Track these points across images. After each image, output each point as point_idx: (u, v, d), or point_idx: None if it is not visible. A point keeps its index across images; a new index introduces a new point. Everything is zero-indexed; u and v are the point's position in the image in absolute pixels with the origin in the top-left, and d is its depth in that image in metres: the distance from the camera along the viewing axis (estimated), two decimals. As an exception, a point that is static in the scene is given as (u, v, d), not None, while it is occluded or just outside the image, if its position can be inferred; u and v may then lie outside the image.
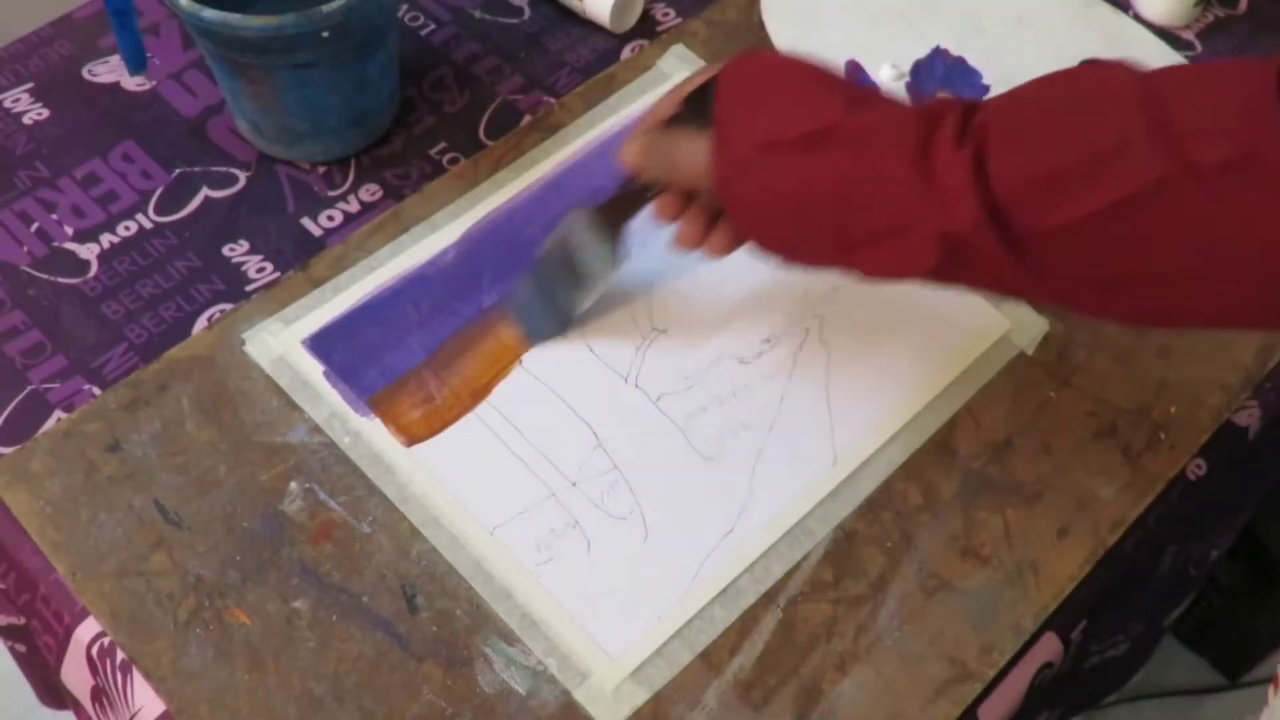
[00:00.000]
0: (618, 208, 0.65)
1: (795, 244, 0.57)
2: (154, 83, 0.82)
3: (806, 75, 0.56)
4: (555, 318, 0.69)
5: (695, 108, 0.59)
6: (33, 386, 0.68)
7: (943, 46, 0.84)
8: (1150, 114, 0.46)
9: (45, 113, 0.80)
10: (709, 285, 0.73)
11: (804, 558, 0.64)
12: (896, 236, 0.52)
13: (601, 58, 0.85)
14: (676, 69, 0.82)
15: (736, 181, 0.56)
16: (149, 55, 0.81)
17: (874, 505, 0.66)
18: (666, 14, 0.87)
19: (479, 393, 0.68)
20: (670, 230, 0.63)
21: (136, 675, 0.60)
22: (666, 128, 0.60)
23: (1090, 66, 0.53)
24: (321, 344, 0.69)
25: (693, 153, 0.58)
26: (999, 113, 0.51)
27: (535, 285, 0.69)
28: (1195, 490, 0.70)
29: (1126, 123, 0.47)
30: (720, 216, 0.61)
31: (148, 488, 0.64)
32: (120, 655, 0.60)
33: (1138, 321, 0.54)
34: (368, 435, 0.66)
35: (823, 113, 0.54)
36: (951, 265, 0.52)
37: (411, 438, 0.66)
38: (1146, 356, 0.71)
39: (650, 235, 0.68)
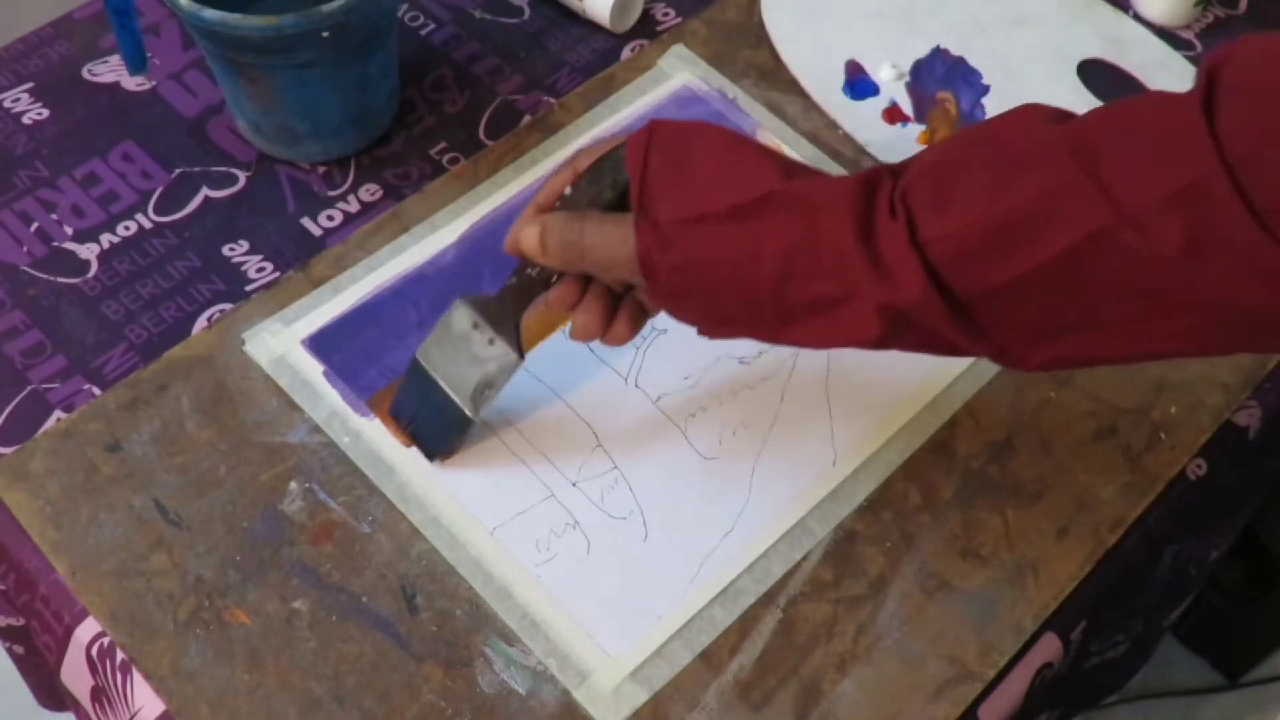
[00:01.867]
0: (509, 300, 0.60)
1: (726, 316, 0.54)
2: (154, 83, 0.82)
3: (732, 141, 0.54)
4: (452, 425, 0.63)
5: (598, 183, 0.56)
6: (33, 386, 0.68)
7: (943, 46, 0.84)
8: (1079, 164, 0.45)
9: (45, 113, 0.80)
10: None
11: (804, 558, 0.64)
12: (839, 305, 0.50)
13: (601, 58, 0.85)
14: (676, 69, 0.82)
15: (664, 255, 0.52)
16: (149, 55, 0.81)
17: (874, 505, 0.66)
18: (666, 14, 0.87)
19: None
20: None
21: (136, 675, 0.60)
22: (566, 211, 0.56)
23: (1005, 119, 0.50)
24: (321, 344, 0.69)
25: (604, 234, 0.54)
26: (920, 177, 0.50)
27: (424, 385, 0.62)
28: (1195, 490, 0.70)
29: (1057, 177, 0.46)
30: (619, 302, 0.58)
31: (148, 488, 0.64)
32: (120, 655, 0.60)
33: (1080, 366, 0.53)
34: (368, 435, 0.66)
35: (759, 179, 0.51)
36: (894, 334, 0.51)
37: (410, 437, 0.66)
38: (1146, 356, 0.71)
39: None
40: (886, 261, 0.49)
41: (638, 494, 0.65)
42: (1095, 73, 0.84)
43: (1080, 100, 0.82)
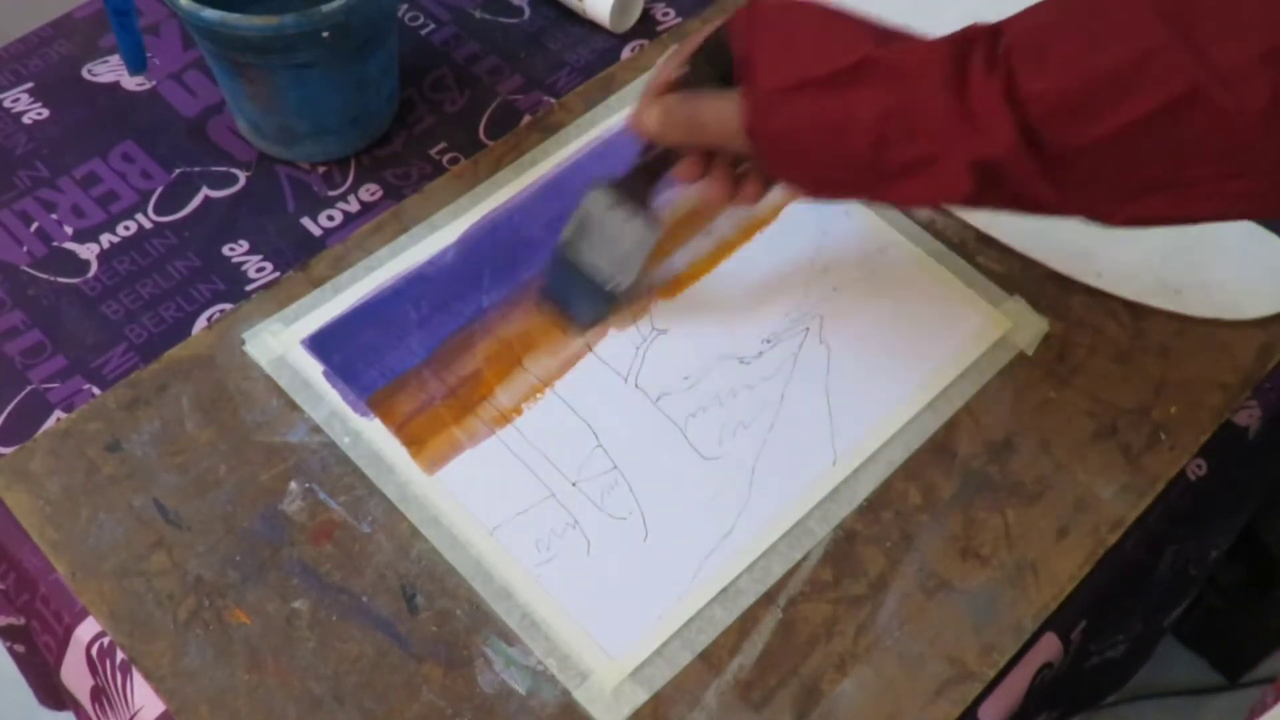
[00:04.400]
0: (639, 179, 0.65)
1: (828, 179, 0.58)
2: (154, 83, 0.82)
3: (828, 12, 0.57)
4: (600, 300, 0.69)
5: (706, 63, 0.59)
6: (33, 386, 0.68)
7: (943, 46, 0.84)
8: (1172, 25, 0.47)
9: (45, 113, 0.80)
10: (709, 285, 0.73)
11: (804, 558, 0.64)
12: (932, 165, 0.53)
13: (601, 58, 0.85)
14: (676, 69, 0.82)
15: (768, 122, 0.56)
16: (149, 55, 0.81)
17: (874, 505, 0.66)
18: (666, 14, 0.87)
19: (481, 395, 0.68)
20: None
21: (136, 675, 0.60)
22: (679, 90, 0.60)
23: None
24: (321, 344, 0.69)
25: (716, 109, 0.58)
26: (1023, 35, 0.52)
27: (569, 272, 0.68)
28: (1195, 490, 0.70)
29: (1148, 38, 0.48)
30: (744, 171, 0.62)
31: (148, 488, 0.64)
32: (120, 655, 0.60)
33: (1162, 223, 0.54)
34: (368, 435, 0.66)
35: (853, 47, 0.54)
36: (984, 190, 0.53)
37: (410, 437, 0.66)
38: (1146, 356, 0.71)
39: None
40: (978, 116, 0.51)
41: (638, 494, 0.65)
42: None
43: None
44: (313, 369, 0.68)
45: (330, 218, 0.76)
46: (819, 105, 0.54)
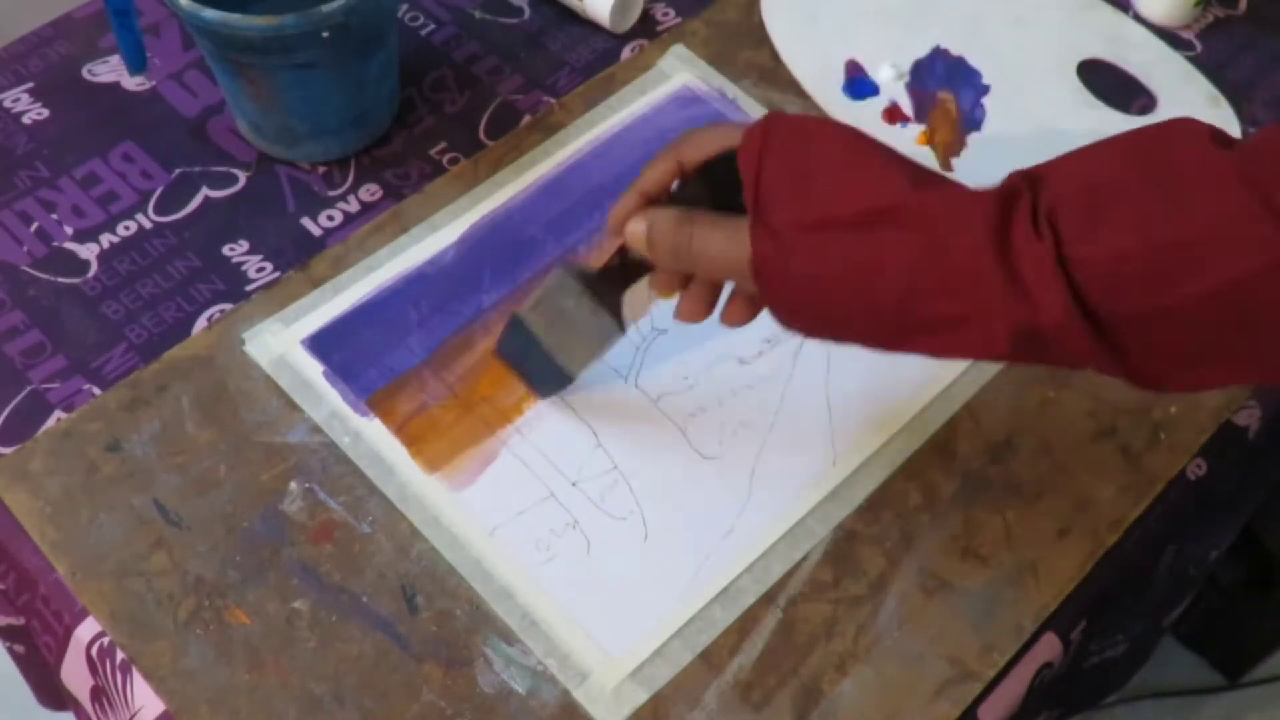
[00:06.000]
0: (610, 278, 0.60)
1: (844, 328, 0.53)
2: (154, 83, 0.82)
3: (856, 144, 0.51)
4: (554, 378, 0.65)
5: (710, 185, 0.55)
6: (33, 386, 0.68)
7: (943, 46, 0.84)
8: (1254, 191, 0.44)
9: (45, 113, 0.80)
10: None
11: (804, 558, 0.64)
12: (965, 324, 0.48)
13: (601, 58, 0.85)
14: (676, 69, 0.82)
15: (782, 263, 0.50)
16: (149, 55, 0.81)
17: (874, 505, 0.66)
18: (666, 14, 0.87)
19: (481, 395, 0.68)
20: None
21: (136, 675, 0.60)
22: (674, 209, 0.55)
23: (1164, 136, 0.48)
24: (321, 344, 0.69)
25: (718, 241, 0.53)
26: (1073, 195, 0.47)
27: (526, 343, 0.64)
28: (1195, 490, 0.70)
29: (1232, 204, 0.44)
30: (731, 293, 0.57)
31: (148, 488, 0.64)
32: (120, 655, 0.60)
33: (1219, 386, 0.51)
34: (368, 435, 0.66)
35: (884, 189, 0.49)
36: (1023, 352, 0.49)
37: (410, 437, 0.66)
38: (1146, 356, 0.71)
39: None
40: (1026, 282, 0.46)
41: (638, 494, 0.65)
42: (1095, 73, 0.84)
43: (1080, 99, 0.82)
44: (313, 369, 0.68)
45: (330, 218, 0.76)
46: (843, 248, 0.49)
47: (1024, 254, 0.46)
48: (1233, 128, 0.82)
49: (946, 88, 0.82)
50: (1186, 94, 0.83)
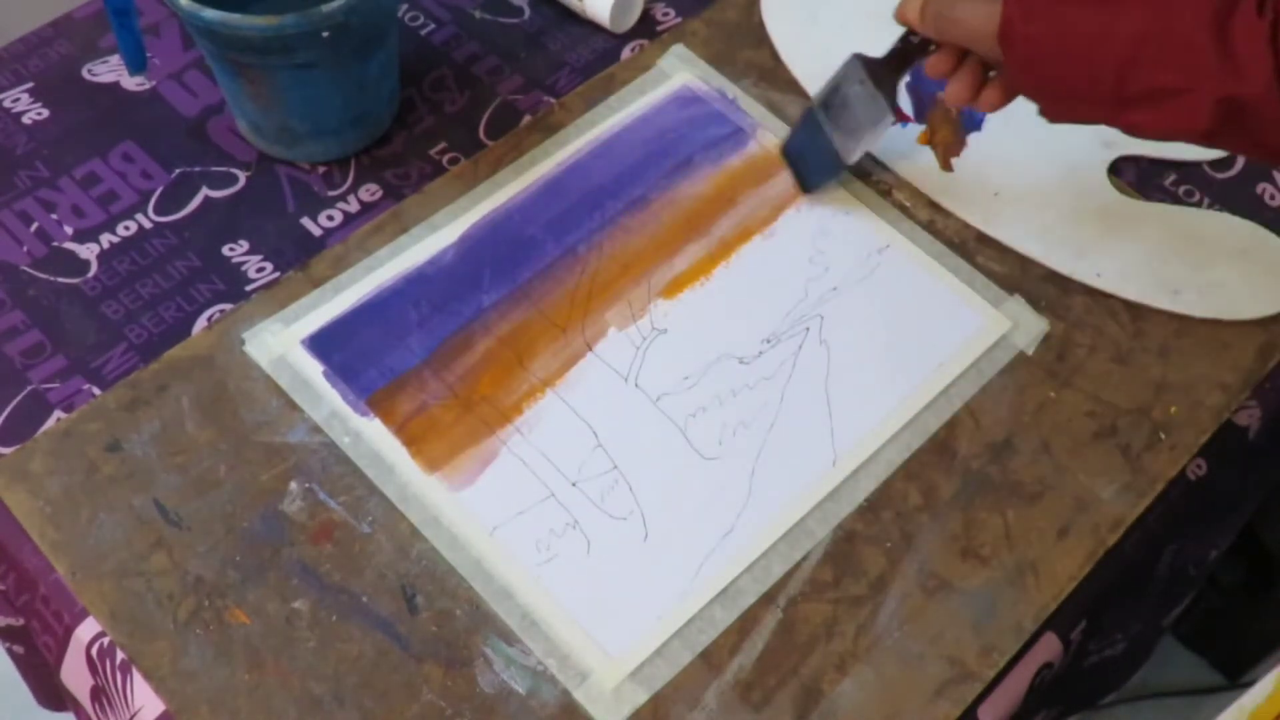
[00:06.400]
0: (891, 62, 0.69)
1: (1069, 94, 0.59)
2: (154, 83, 0.82)
3: None
4: (829, 164, 0.74)
5: None
6: (33, 386, 0.68)
7: (943, 46, 0.84)
8: None
9: (45, 113, 0.80)
10: (709, 285, 0.73)
11: (804, 558, 0.64)
12: (1176, 96, 0.54)
13: (601, 58, 0.85)
14: (676, 69, 0.82)
15: (1023, 25, 0.58)
16: (149, 55, 0.81)
17: (874, 505, 0.66)
18: (666, 14, 0.87)
19: (481, 395, 0.68)
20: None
21: (136, 675, 0.60)
22: None
23: None
24: (321, 344, 0.69)
25: (973, 10, 0.61)
26: None
27: (813, 131, 0.73)
28: (1195, 490, 0.70)
29: None
30: (990, 75, 0.64)
31: (148, 488, 0.64)
32: (120, 655, 0.60)
33: None
34: (368, 435, 0.66)
35: None
36: (1223, 128, 0.54)
37: (410, 437, 0.66)
38: (1146, 356, 0.71)
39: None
40: (1237, 54, 0.52)
41: (638, 494, 0.65)
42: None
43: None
44: (313, 369, 0.68)
45: (330, 218, 0.76)
46: (1079, 14, 0.56)
47: (1242, 29, 0.52)
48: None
49: (947, 87, 0.82)
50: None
